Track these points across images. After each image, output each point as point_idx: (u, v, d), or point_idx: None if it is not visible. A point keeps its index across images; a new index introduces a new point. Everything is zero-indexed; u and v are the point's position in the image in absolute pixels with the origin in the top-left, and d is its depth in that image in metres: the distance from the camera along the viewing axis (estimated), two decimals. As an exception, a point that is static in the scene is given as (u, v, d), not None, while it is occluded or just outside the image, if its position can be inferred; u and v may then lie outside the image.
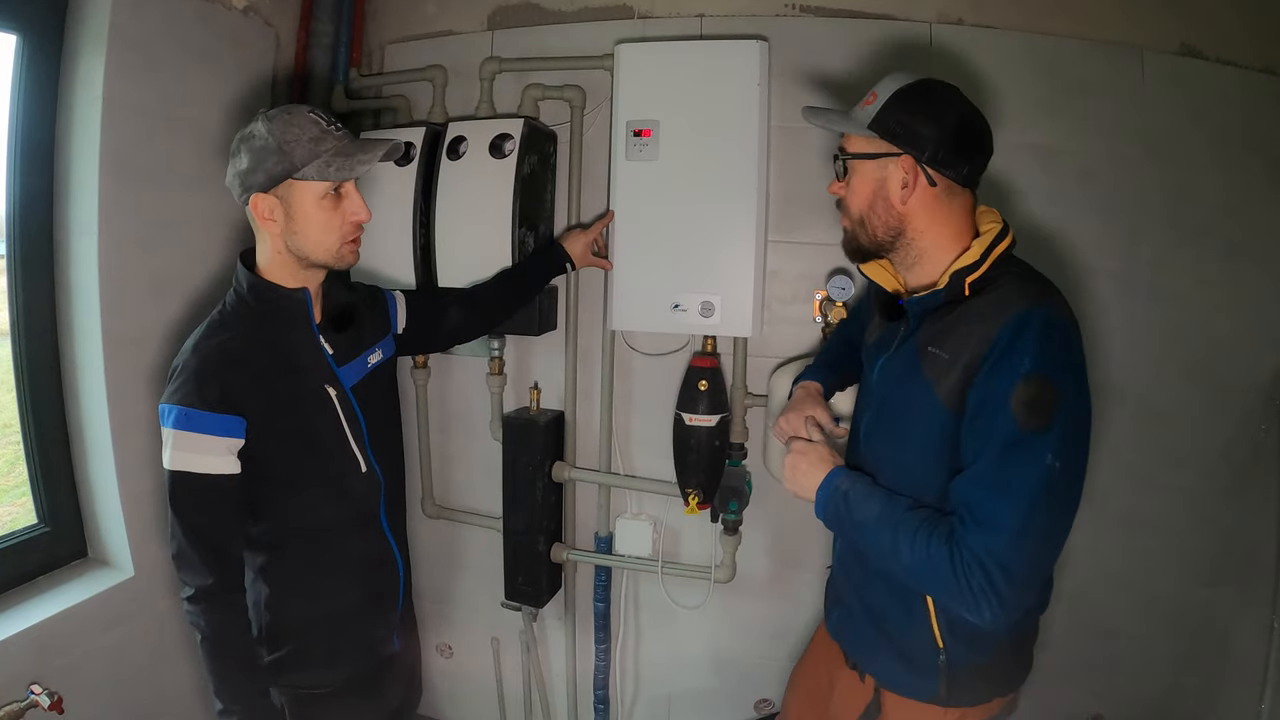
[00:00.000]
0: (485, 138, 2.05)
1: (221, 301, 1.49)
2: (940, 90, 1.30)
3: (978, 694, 1.42)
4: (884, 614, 1.44)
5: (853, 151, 1.34)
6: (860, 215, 1.34)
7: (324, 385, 1.50)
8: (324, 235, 1.43)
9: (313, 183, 1.39)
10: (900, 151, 1.27)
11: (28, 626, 1.71)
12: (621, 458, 2.36)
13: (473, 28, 2.36)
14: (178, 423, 1.35)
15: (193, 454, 1.35)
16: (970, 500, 1.17)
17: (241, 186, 1.39)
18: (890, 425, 1.37)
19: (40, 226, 1.85)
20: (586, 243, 2.06)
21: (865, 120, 1.30)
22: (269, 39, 2.27)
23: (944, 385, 1.22)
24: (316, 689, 1.56)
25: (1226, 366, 2.05)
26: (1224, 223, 2.02)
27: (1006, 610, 1.14)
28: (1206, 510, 2.10)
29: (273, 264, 1.46)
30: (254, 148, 1.37)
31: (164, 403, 1.37)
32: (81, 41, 1.81)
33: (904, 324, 1.38)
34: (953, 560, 1.16)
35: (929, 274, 1.32)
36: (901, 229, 1.31)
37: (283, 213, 1.40)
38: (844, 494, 1.32)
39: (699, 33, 2.14)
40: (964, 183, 1.28)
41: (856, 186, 1.34)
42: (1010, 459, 1.13)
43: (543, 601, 2.35)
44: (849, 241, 1.40)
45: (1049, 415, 1.12)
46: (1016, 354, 1.14)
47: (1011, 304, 1.19)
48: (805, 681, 1.78)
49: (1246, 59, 1.99)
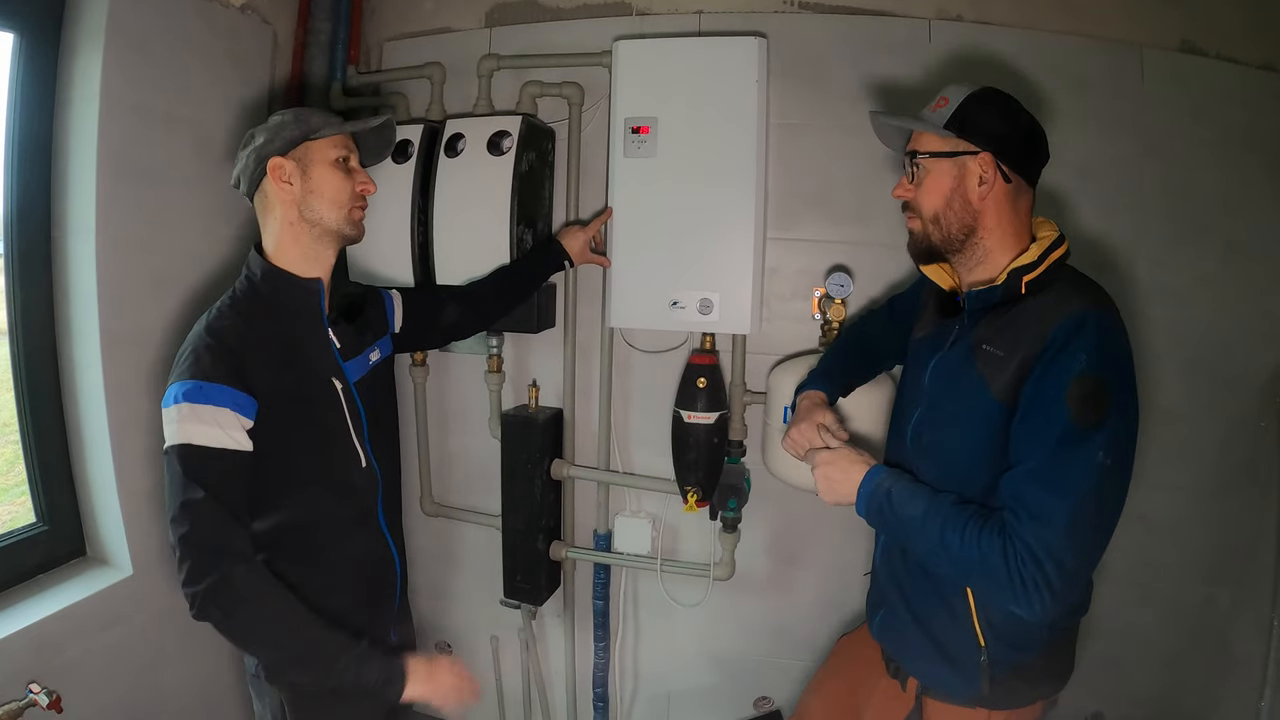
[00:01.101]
0: (483, 135, 2.05)
1: (230, 289, 1.49)
2: (1007, 96, 1.35)
3: (1020, 695, 1.43)
4: (926, 611, 1.46)
5: (929, 150, 1.36)
6: (935, 213, 1.36)
7: (330, 378, 1.51)
8: (338, 195, 1.50)
9: (326, 142, 1.50)
10: (978, 150, 1.30)
11: (26, 625, 1.70)
12: (620, 455, 2.36)
13: (471, 25, 2.36)
14: (189, 396, 1.31)
15: (205, 426, 1.32)
16: (1023, 494, 1.19)
17: (256, 161, 1.46)
18: (942, 421, 1.39)
19: (38, 225, 1.84)
20: (585, 240, 2.06)
21: (940, 121, 1.33)
22: (267, 37, 2.26)
23: (998, 382, 1.25)
24: (314, 686, 1.54)
25: (1226, 364, 2.05)
26: (1224, 220, 2.01)
27: (1057, 602, 1.17)
28: (1206, 507, 2.10)
29: (284, 243, 1.48)
30: (270, 125, 1.48)
31: (173, 383, 1.34)
32: (79, 39, 1.80)
33: (958, 322, 1.40)
34: (1005, 553, 1.18)
35: (988, 272, 1.36)
36: (974, 227, 1.34)
37: (299, 174, 1.47)
38: (887, 491, 1.34)
39: (697, 29, 2.13)
40: (1030, 182, 1.35)
41: (931, 186, 1.36)
42: (1064, 454, 1.16)
43: (542, 599, 2.35)
44: (919, 242, 1.42)
45: (1102, 413, 1.16)
46: (1072, 352, 1.17)
47: (1069, 304, 1.22)
48: (832, 688, 1.78)
49: (1247, 56, 1.99)
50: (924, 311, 1.57)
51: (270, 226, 1.49)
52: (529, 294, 2.08)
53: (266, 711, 1.58)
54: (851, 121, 2.06)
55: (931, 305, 1.54)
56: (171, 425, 1.33)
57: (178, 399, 1.33)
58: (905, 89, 2.03)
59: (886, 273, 2.11)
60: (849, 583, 2.23)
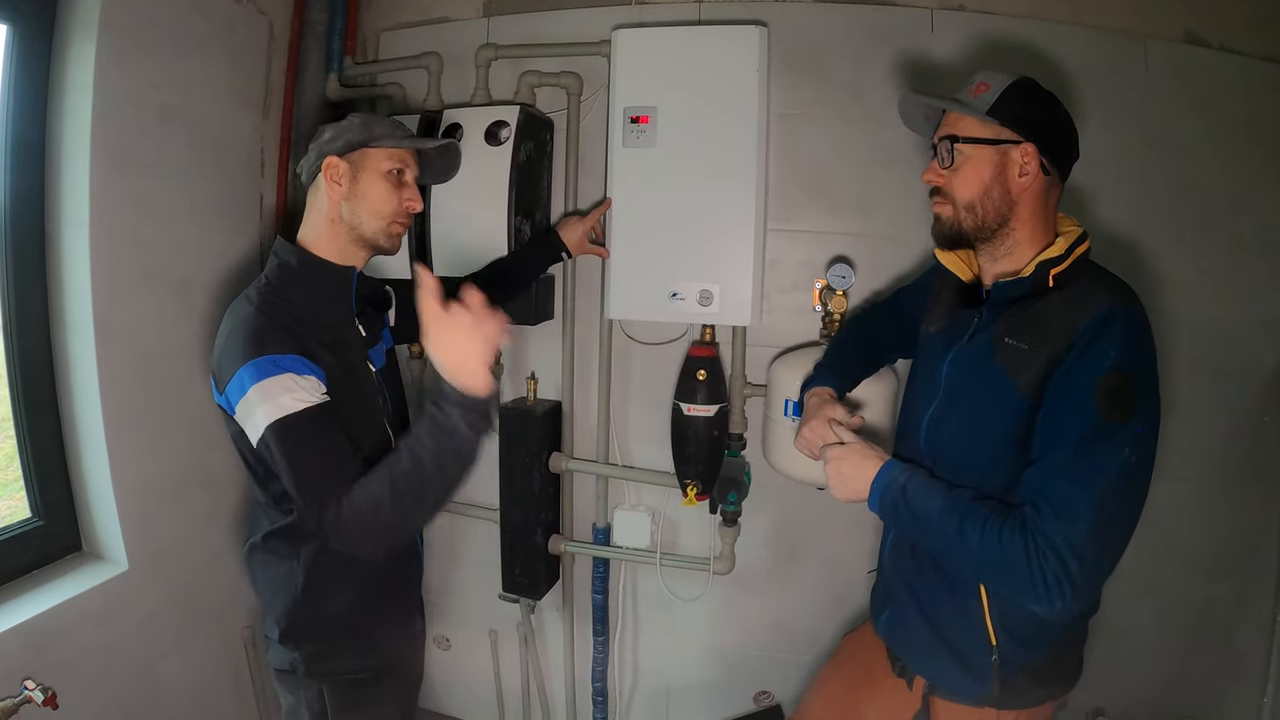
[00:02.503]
0: (481, 125, 2.04)
1: (260, 276, 1.48)
2: (1044, 89, 1.34)
3: (1029, 695, 1.42)
4: (937, 610, 1.44)
5: (970, 135, 1.33)
6: (971, 201, 1.34)
7: (365, 362, 1.54)
8: (381, 205, 1.49)
9: (383, 152, 1.49)
10: (1021, 139, 1.29)
11: (21, 621, 1.69)
12: (619, 448, 2.35)
13: (468, 14, 2.34)
14: (263, 372, 1.28)
15: (298, 393, 1.29)
16: (1046, 489, 1.18)
17: (317, 153, 1.48)
18: (963, 415, 1.37)
19: (31, 218, 1.83)
20: (583, 231, 2.04)
21: (983, 107, 1.31)
22: (263, 27, 2.25)
23: (1022, 376, 1.24)
24: (357, 673, 1.57)
25: (1229, 359, 2.04)
26: (1227, 213, 2.00)
27: (1078, 599, 1.16)
28: (1208, 503, 2.09)
29: (321, 237, 1.49)
30: (340, 126, 1.50)
31: (243, 365, 1.29)
32: (72, 30, 1.78)
33: (978, 314, 1.39)
34: (1027, 549, 1.16)
35: (1013, 264, 1.34)
36: (1008, 217, 1.32)
37: (349, 177, 1.47)
38: (902, 486, 1.32)
39: (697, 18, 2.11)
40: (1063, 178, 1.34)
41: (968, 172, 1.33)
42: (1089, 450, 1.15)
43: (540, 593, 2.35)
44: (947, 228, 1.38)
45: (1129, 409, 1.15)
46: (1101, 347, 1.16)
47: (1097, 298, 1.21)
48: (835, 686, 1.77)
49: (1251, 48, 1.97)
50: (935, 304, 1.55)
51: (312, 219, 1.50)
52: (527, 286, 2.07)
53: (301, 705, 1.58)
54: (853, 112, 2.05)
55: (945, 297, 1.51)
56: (257, 409, 1.29)
57: (254, 379, 1.28)
58: (908, 79, 2.02)
59: (888, 264, 2.09)
60: (851, 578, 2.23)
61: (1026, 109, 1.29)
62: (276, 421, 1.28)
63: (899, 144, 1.85)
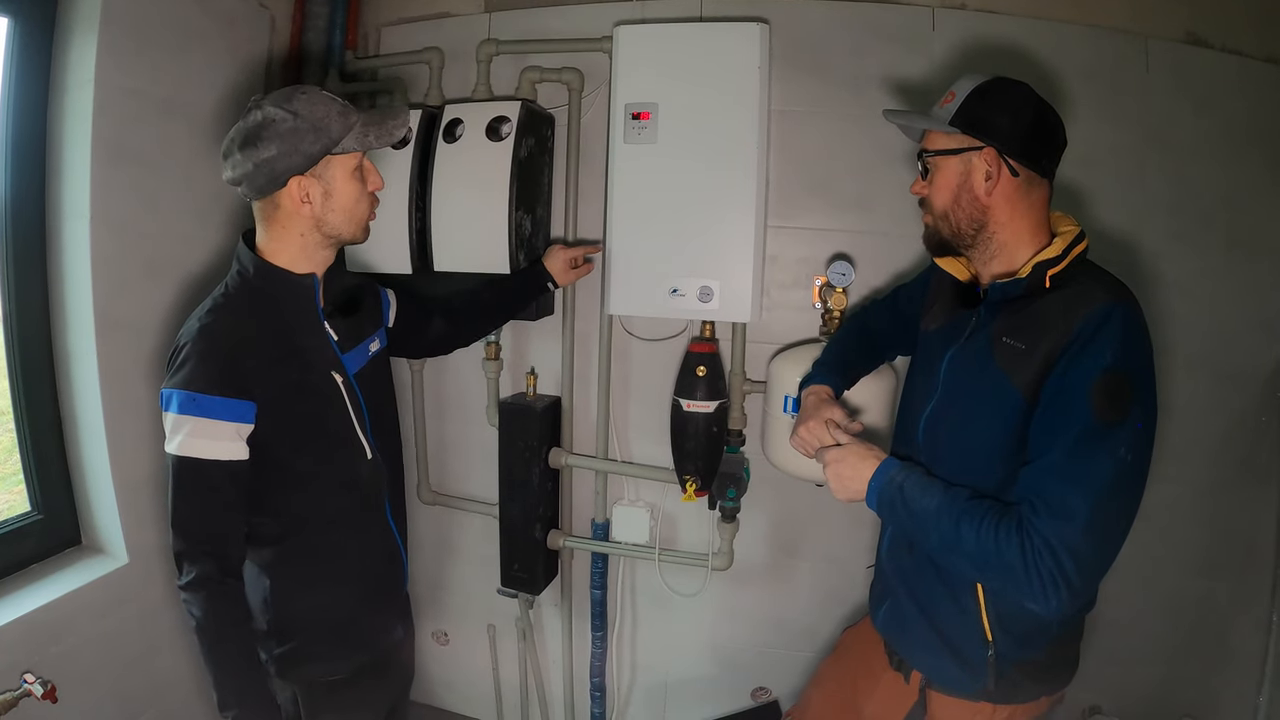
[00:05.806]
0: (482, 120, 2.03)
1: (223, 282, 1.46)
2: (1015, 86, 1.34)
3: (1025, 690, 1.43)
4: (934, 606, 1.45)
5: (936, 149, 1.36)
6: (944, 210, 1.37)
7: (330, 371, 1.49)
8: (354, 206, 1.45)
9: (347, 156, 1.41)
10: (982, 144, 1.30)
11: (21, 615, 1.70)
12: (619, 444, 2.35)
13: (470, 9, 2.33)
14: (183, 407, 1.31)
15: (200, 439, 1.32)
16: (1042, 488, 1.19)
17: (269, 176, 1.35)
18: (959, 414, 1.38)
19: (32, 211, 1.83)
20: (565, 260, 2.04)
21: (946, 118, 1.33)
22: (264, 21, 2.24)
23: (1019, 375, 1.24)
24: (329, 677, 1.56)
25: (1227, 357, 2.04)
26: (1226, 214, 2.00)
27: (1074, 597, 1.16)
28: (1206, 502, 2.10)
29: (286, 247, 1.43)
30: (280, 132, 1.33)
31: (167, 387, 1.33)
32: (73, 23, 1.78)
33: (976, 314, 1.39)
34: (1023, 547, 1.17)
35: (1006, 265, 1.35)
36: (984, 222, 1.34)
37: (321, 192, 1.40)
38: (899, 485, 1.33)
39: (699, 14, 2.11)
40: (1043, 174, 1.32)
41: (940, 183, 1.36)
42: (1085, 449, 1.16)
43: (539, 589, 2.35)
44: (931, 236, 1.43)
45: (1126, 409, 1.16)
46: (1098, 347, 1.17)
47: (1094, 298, 1.22)
48: (834, 681, 1.78)
49: (1251, 49, 1.97)
50: (934, 303, 1.56)
51: (274, 231, 1.43)
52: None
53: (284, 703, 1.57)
54: (854, 109, 2.05)
55: (944, 296, 1.52)
56: (170, 434, 1.34)
57: (174, 409, 1.32)
58: (908, 77, 2.02)
59: (888, 262, 2.10)
60: (849, 574, 2.23)
61: (985, 113, 1.30)
62: (178, 457, 1.33)
63: (899, 142, 1.85)
